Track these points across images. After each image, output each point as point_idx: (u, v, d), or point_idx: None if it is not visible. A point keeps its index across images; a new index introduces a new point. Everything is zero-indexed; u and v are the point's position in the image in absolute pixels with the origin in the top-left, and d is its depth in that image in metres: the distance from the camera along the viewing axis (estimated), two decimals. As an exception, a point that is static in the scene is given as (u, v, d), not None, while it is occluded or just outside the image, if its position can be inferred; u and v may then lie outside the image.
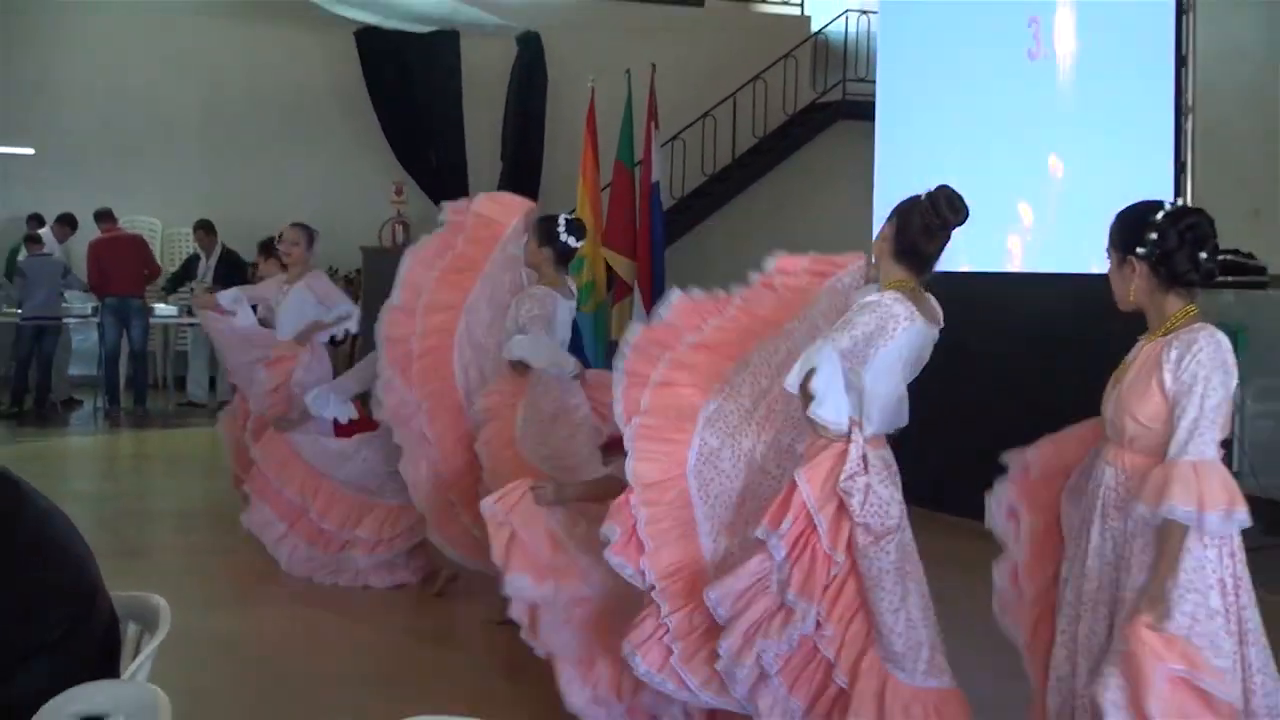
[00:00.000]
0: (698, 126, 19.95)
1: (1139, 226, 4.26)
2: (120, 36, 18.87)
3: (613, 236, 14.79)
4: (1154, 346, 4.23)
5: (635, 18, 20.28)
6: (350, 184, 18.86)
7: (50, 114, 18.68)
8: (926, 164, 11.88)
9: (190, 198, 18.33)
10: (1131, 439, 4.25)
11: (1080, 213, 10.32)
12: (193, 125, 19.20)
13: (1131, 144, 9.87)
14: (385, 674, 7.12)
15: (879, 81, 12.95)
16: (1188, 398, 4.09)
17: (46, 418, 15.92)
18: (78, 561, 3.15)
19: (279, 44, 19.18)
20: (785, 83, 20.88)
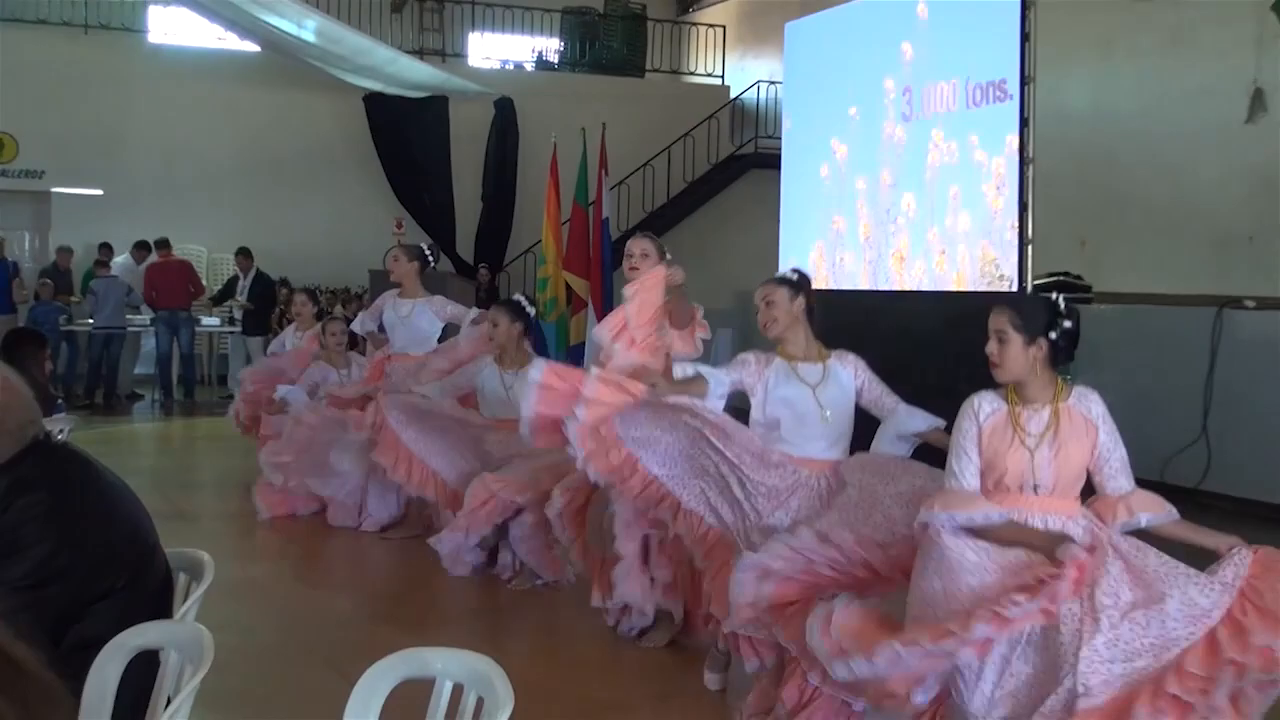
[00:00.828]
0: (639, 174, 19.94)
1: (1051, 317, 4.12)
2: (173, 98, 18.67)
3: (571, 262, 14.86)
4: (1065, 410, 4.11)
5: (589, 86, 20.24)
6: (359, 219, 18.73)
7: (116, 161, 18.51)
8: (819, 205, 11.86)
9: (231, 229, 18.12)
10: (1064, 489, 4.12)
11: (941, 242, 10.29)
12: (232, 170, 19.00)
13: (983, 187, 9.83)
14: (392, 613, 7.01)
15: (783, 138, 12.90)
16: (1114, 443, 4.11)
17: (113, 408, 15.79)
18: (137, 523, 3.13)
19: (302, 105, 19.06)
20: (709, 139, 20.93)
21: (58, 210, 18.70)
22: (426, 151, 19.24)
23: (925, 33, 10.57)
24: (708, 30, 22.72)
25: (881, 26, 11.10)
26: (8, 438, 2.90)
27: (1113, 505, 4.10)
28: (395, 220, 18.41)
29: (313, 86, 18.53)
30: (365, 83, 18.53)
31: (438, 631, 6.39)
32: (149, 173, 18.59)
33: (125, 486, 3.19)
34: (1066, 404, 4.10)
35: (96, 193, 18.60)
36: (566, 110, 17.04)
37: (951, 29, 10.27)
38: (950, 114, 10.29)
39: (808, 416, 5.07)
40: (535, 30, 21.93)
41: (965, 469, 4.09)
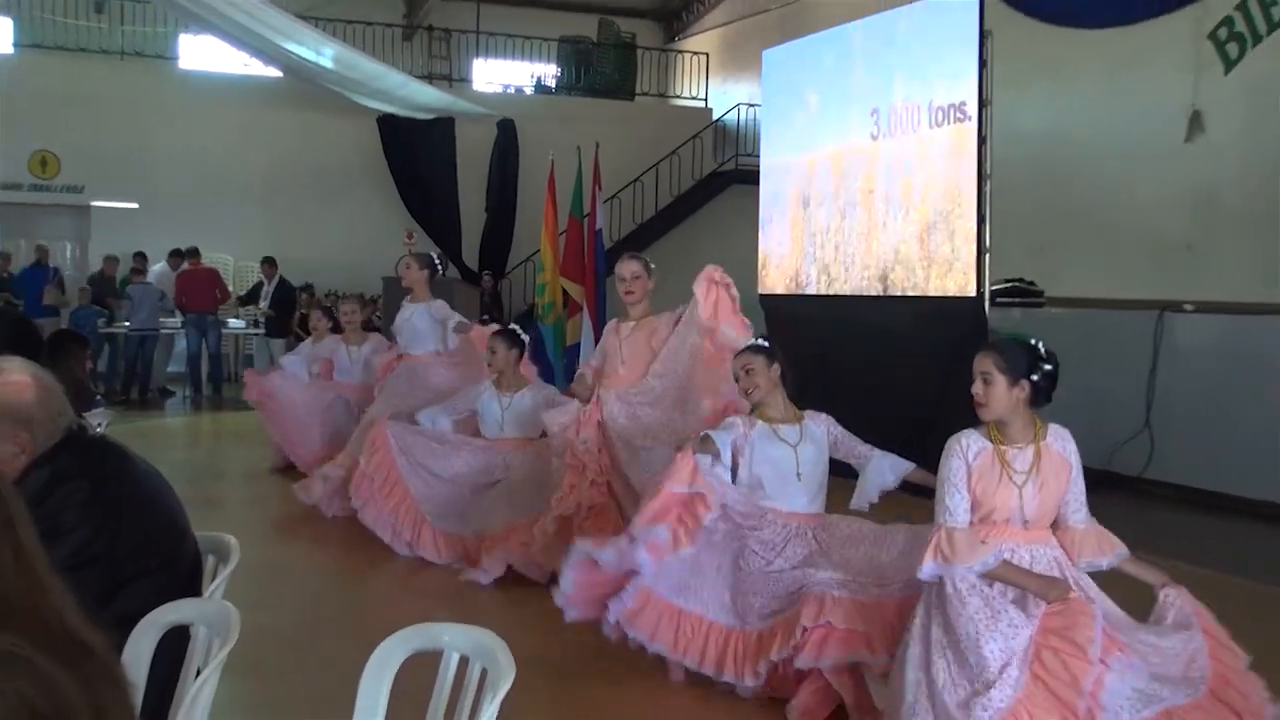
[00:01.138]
0: (630, 188, 19.91)
1: (1033, 360, 4.13)
2: (202, 119, 18.68)
3: (568, 269, 14.83)
4: (1047, 449, 4.13)
5: (583, 109, 20.24)
6: (372, 230, 18.67)
7: (150, 177, 18.50)
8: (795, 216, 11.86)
9: (255, 239, 18.16)
10: (1044, 521, 4.15)
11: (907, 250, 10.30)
12: (257, 185, 19.03)
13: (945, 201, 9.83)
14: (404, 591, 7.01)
15: (761, 156, 12.89)
16: (1080, 479, 4.16)
17: (148, 403, 15.78)
18: (170, 510, 3.13)
19: (321, 126, 19.02)
20: (693, 157, 20.92)
21: (96, 222, 18.71)
22: (434, 168, 19.26)
23: (892, 59, 10.58)
24: (692, 57, 22.72)
25: (851, 54, 11.12)
26: (42, 430, 2.88)
27: (1077, 542, 4.14)
28: (406, 231, 18.36)
29: (330, 109, 18.51)
30: (378, 105, 18.54)
31: (446, 608, 6.37)
32: (180, 187, 18.55)
33: (158, 475, 3.19)
34: (1046, 443, 4.12)
35: (132, 206, 18.59)
36: (563, 130, 17.01)
37: (915, 56, 10.28)
38: (915, 133, 10.29)
39: (789, 475, 5.14)
40: (534, 57, 21.96)
41: (959, 506, 4.06)
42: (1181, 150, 12.91)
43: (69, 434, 2.98)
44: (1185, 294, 11.16)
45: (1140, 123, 13.42)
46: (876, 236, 10.73)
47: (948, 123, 9.93)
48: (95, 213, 18.71)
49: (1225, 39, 12.59)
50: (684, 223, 20.39)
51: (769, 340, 5.47)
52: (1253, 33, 12.37)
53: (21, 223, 18.37)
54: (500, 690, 2.35)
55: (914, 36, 10.38)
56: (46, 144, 18.15)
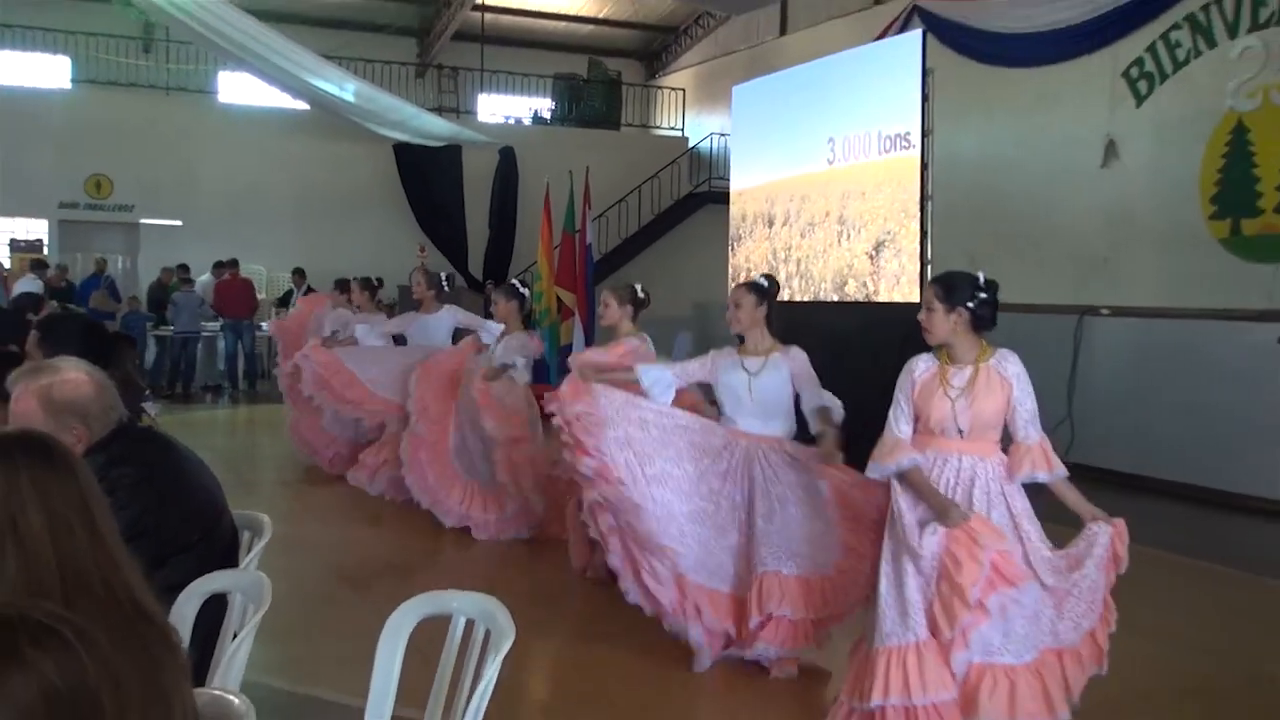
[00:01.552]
0: (616, 207, 19.89)
1: (968, 289, 4.12)
2: (239, 146, 18.62)
3: (561, 279, 14.85)
4: (986, 367, 4.08)
5: (575, 138, 20.21)
6: (389, 244, 18.60)
7: (192, 197, 18.42)
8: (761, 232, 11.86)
9: (286, 252, 18.12)
10: (984, 432, 4.07)
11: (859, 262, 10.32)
12: (288, 204, 18.93)
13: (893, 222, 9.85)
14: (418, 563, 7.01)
15: (731, 180, 12.90)
16: (1025, 398, 4.06)
17: (190, 397, 15.73)
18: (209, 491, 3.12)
19: (343, 152, 18.93)
20: (671, 180, 20.90)
21: (144, 238, 18.63)
22: (444, 190, 19.19)
23: (846, 94, 10.59)
24: (670, 92, 22.71)
25: (810, 89, 11.12)
26: (97, 422, 2.88)
27: (1019, 456, 4.04)
28: (419, 245, 18.42)
29: (352, 137, 18.45)
30: (394, 134, 18.50)
31: (455, 577, 6.36)
32: (219, 206, 18.48)
33: (199, 461, 3.19)
34: (988, 363, 4.08)
35: (176, 223, 18.53)
36: (557, 157, 16.98)
37: (866, 91, 10.29)
38: (865, 159, 10.31)
39: (742, 397, 5.12)
40: (531, 92, 21.92)
41: (899, 418, 4.10)
42: (1098, 174, 12.97)
43: (120, 425, 2.97)
44: (1102, 300, 11.21)
45: (1062, 150, 13.48)
46: (833, 253, 10.74)
47: (894, 150, 9.95)
48: (144, 229, 18.62)
49: (1137, 77, 12.64)
50: (663, 238, 20.34)
51: (770, 280, 5.38)
52: (1160, 71, 12.42)
53: (78, 238, 18.29)
54: (502, 649, 2.35)
55: (865, 74, 10.40)
56: (100, 168, 18.07)
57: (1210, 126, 11.80)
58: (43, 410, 2.78)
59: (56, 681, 1.20)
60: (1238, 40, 11.61)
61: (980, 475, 4.01)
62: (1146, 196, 12.52)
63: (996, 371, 4.06)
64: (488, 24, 20.79)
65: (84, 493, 1.71)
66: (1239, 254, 11.53)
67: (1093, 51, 12.86)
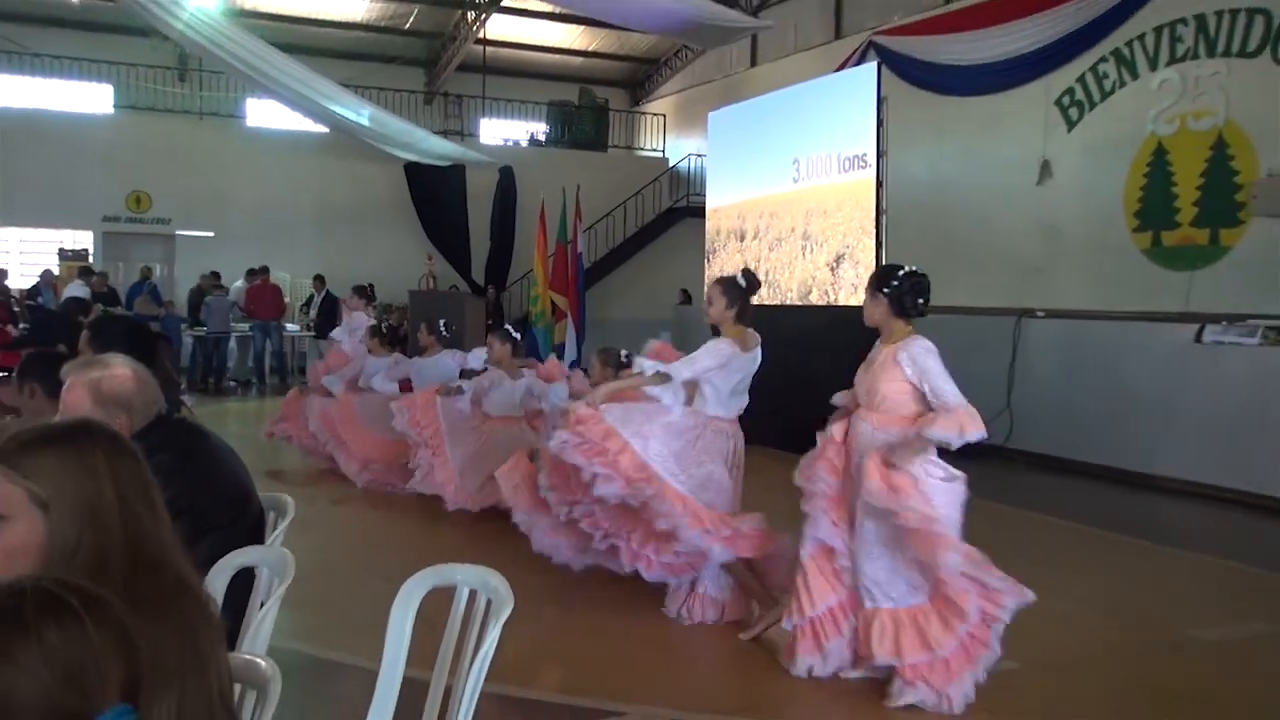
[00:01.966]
0: (604, 220, 19.87)
1: (888, 277, 4.18)
2: (265, 165, 18.57)
3: (555, 284, 14.87)
4: (890, 350, 4.13)
5: (567, 158, 20.16)
6: (400, 253, 18.59)
7: (224, 211, 18.33)
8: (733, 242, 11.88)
9: (307, 260, 18.01)
10: (879, 404, 4.12)
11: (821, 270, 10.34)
12: (309, 217, 18.89)
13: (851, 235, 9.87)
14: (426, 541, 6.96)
15: (707, 196, 12.91)
16: (925, 376, 4.04)
17: (222, 391, 15.62)
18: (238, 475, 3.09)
19: (359, 170, 18.87)
20: (654, 195, 20.91)
21: (180, 248, 18.54)
22: (450, 204, 19.15)
23: (809, 119, 10.62)
24: (653, 117, 22.70)
25: (777, 114, 11.15)
26: (139, 413, 2.87)
27: (933, 419, 3.96)
28: (427, 254, 18.44)
29: (366, 157, 18.37)
30: (405, 155, 18.44)
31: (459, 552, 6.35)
32: (247, 219, 18.40)
33: (230, 448, 3.16)
34: (893, 346, 4.11)
35: (209, 234, 18.43)
36: (551, 175, 16.98)
37: (827, 117, 10.31)
38: (827, 178, 10.33)
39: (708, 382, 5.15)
40: (528, 118, 21.91)
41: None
42: (1034, 192, 13.03)
43: (159, 416, 2.96)
44: (1037, 303, 11.25)
45: (1002, 170, 13.54)
46: (798, 265, 10.77)
47: (853, 170, 9.99)
48: (179, 240, 18.53)
49: (1068, 105, 12.70)
50: (646, 248, 20.33)
51: (747, 275, 5.15)
52: (1089, 100, 12.49)
53: (119, 248, 18.20)
54: (502, 616, 2.35)
55: (826, 102, 10.43)
56: (140, 185, 17.98)
57: (1133, 149, 11.87)
58: (91, 401, 2.77)
59: (60, 648, 1.17)
60: (1157, 73, 11.68)
61: (870, 439, 4.10)
62: (1077, 211, 12.58)
63: (896, 355, 4.09)
64: (489, 56, 20.77)
65: (144, 475, 1.71)
66: (1159, 263, 11.60)
67: (1029, 82, 12.92)
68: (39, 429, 1.73)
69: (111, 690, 1.20)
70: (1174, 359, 9.08)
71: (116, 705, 1.20)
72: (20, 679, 1.15)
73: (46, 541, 1.60)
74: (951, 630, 3.93)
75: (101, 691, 1.20)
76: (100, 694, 1.19)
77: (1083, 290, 12.11)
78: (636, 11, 13.62)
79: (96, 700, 1.19)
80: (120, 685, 1.22)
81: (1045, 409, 9.98)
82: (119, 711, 1.20)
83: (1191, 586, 6.18)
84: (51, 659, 1.17)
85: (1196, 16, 11.19)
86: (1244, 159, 10.82)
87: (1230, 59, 10.95)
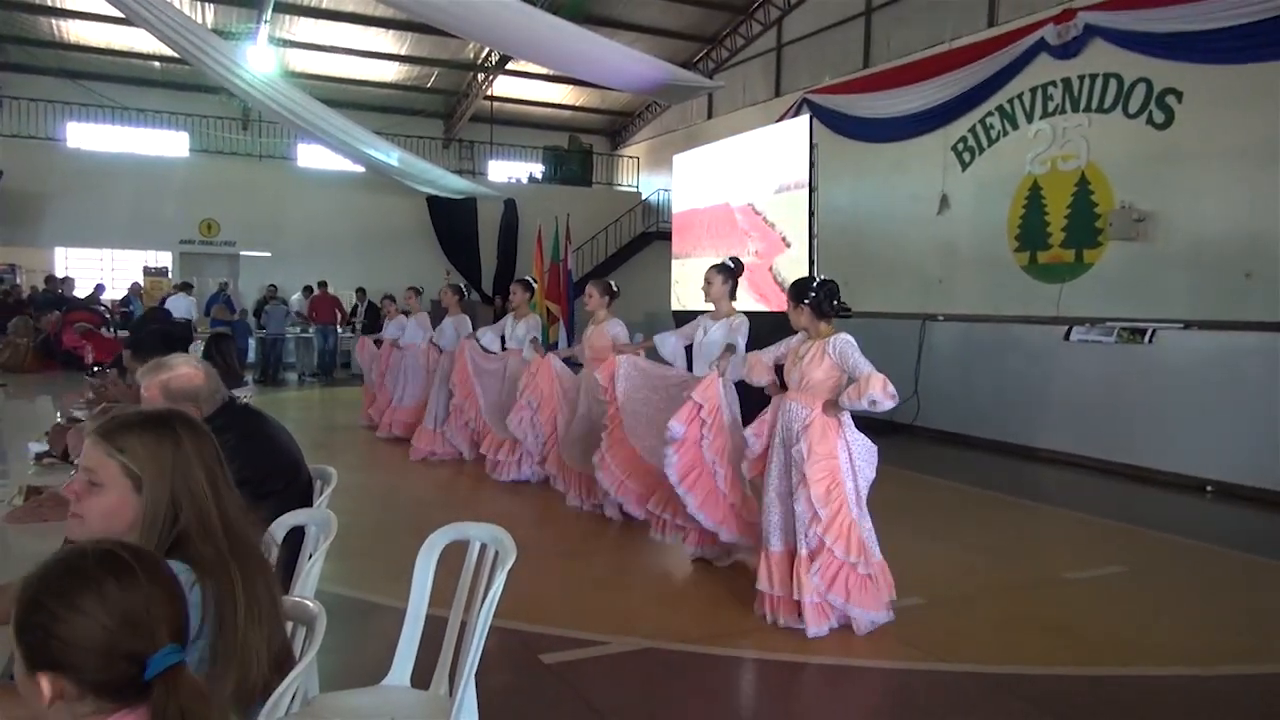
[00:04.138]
0: (589, 243, 19.84)
1: (805, 289, 4.15)
2: (312, 197, 18.44)
3: (549, 294, 14.79)
4: (819, 345, 4.11)
5: (559, 193, 20.01)
6: (423, 268, 18.38)
7: (279, 234, 18.18)
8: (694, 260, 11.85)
9: (349, 275, 17.89)
10: (808, 389, 4.10)
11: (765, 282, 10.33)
12: (349, 240, 18.72)
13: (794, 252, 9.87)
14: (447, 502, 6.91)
15: (674, 223, 12.87)
16: (849, 363, 4.03)
17: (278, 382, 15.46)
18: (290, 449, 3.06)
19: (390, 202, 18.73)
20: (630, 222, 20.87)
21: (243, 266, 18.34)
22: (464, 230, 19.03)
23: (756, 158, 10.59)
24: (629, 159, 22.63)
25: (731, 155, 11.12)
26: (206, 402, 2.83)
27: (855, 388, 3.94)
28: (445, 270, 18.29)
29: (396, 191, 18.23)
30: (427, 189, 18.30)
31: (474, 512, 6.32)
32: (299, 241, 18.24)
33: (284, 429, 3.12)
34: (822, 342, 4.10)
35: (267, 255, 18.24)
36: (546, 206, 16.92)
37: (769, 159, 10.29)
38: (769, 206, 10.31)
39: (697, 350, 5.32)
40: (528, 159, 21.78)
41: (767, 351, 4.38)
42: (935, 219, 13.08)
43: (224, 403, 2.92)
44: (938, 309, 11.31)
45: (909, 201, 13.58)
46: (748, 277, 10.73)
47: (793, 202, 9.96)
48: (243, 260, 18.33)
49: (962, 150, 12.75)
50: (623, 265, 20.25)
51: (735, 261, 5.34)
52: (979, 146, 12.54)
53: (193, 266, 17.97)
54: (507, 564, 2.32)
55: (769, 147, 10.41)
56: (210, 214, 17.78)
57: (1014, 185, 11.94)
58: (163, 398, 2.72)
59: (119, 598, 1.17)
60: (1033, 124, 11.74)
61: (800, 416, 4.09)
62: (969, 235, 12.64)
63: (825, 349, 4.09)
64: (495, 109, 20.65)
65: (219, 452, 1.72)
66: (1035, 276, 11.67)
67: (931, 131, 12.97)
68: (135, 413, 1.73)
69: (163, 633, 1.20)
70: (1046, 354, 9.14)
71: (166, 645, 1.19)
72: (87, 623, 1.16)
73: (145, 510, 1.60)
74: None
75: (154, 634, 1.19)
76: (153, 636, 1.19)
77: (974, 298, 12.18)
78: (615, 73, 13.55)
79: (150, 641, 1.18)
80: (170, 629, 1.21)
81: (945, 394, 10.02)
82: (169, 650, 1.19)
83: (1063, 536, 6.22)
84: (112, 607, 1.17)
85: (1064, 80, 11.26)
86: (1102, 193, 10.90)
87: (1091, 113, 11.02)
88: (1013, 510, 6.88)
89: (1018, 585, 4.94)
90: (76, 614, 1.15)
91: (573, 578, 4.93)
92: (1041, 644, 4.01)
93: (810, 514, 3.96)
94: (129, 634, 1.17)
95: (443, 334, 8.87)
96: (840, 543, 3.94)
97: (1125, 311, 9.53)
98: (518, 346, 7.61)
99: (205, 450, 1.68)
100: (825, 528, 3.94)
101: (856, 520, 4.00)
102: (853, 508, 4.01)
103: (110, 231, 17.11)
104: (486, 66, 19.30)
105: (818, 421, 4.04)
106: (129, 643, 1.17)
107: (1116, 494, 7.54)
